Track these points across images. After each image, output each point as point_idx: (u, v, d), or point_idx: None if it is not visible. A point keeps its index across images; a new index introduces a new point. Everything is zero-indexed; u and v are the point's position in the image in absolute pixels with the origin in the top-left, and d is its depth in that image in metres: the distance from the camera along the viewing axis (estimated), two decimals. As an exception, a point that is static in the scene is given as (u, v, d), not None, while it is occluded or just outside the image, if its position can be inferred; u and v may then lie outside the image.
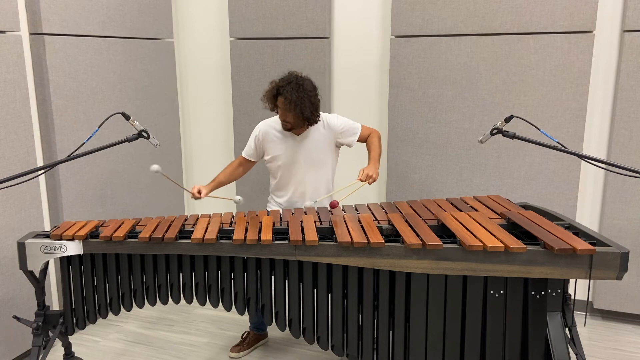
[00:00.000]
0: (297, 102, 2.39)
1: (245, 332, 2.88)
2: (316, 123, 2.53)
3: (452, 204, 2.44)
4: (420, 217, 2.22)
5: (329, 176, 2.68)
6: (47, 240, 2.13)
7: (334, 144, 2.63)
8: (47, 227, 2.90)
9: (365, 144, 2.67)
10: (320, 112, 2.55)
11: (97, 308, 2.24)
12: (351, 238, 1.97)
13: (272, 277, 2.14)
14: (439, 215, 2.20)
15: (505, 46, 3.02)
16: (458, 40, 3.10)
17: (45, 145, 2.84)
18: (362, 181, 2.41)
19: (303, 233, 2.05)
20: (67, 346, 2.42)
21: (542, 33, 2.95)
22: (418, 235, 1.96)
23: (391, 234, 2.10)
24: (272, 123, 2.63)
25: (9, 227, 2.63)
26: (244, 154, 2.71)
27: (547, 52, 2.96)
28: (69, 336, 2.34)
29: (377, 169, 2.49)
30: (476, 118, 3.14)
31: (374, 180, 2.42)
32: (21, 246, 2.13)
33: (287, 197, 2.67)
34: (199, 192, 2.53)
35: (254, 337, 2.86)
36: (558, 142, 2.19)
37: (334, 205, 2.38)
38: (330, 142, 2.61)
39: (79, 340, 2.96)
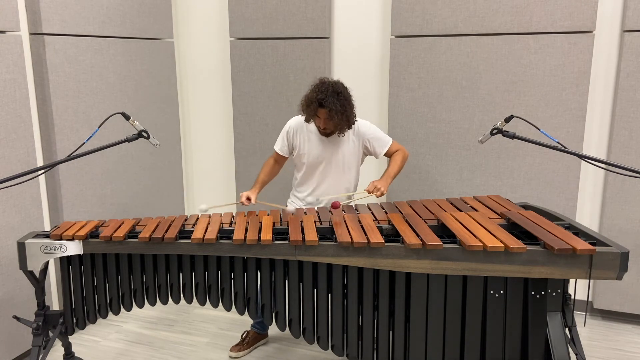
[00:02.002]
0: (341, 111, 2.43)
1: (245, 332, 2.89)
2: (351, 128, 2.57)
3: (452, 204, 2.44)
4: (420, 217, 2.22)
5: (352, 180, 2.71)
6: (47, 240, 2.13)
7: (361, 150, 2.67)
8: (47, 227, 2.90)
9: (389, 159, 2.74)
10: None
11: (97, 308, 2.25)
12: (351, 238, 1.97)
13: (272, 277, 2.14)
14: (439, 215, 2.20)
15: (505, 46, 3.02)
16: (458, 40, 3.10)
17: (45, 145, 2.83)
18: (369, 192, 2.49)
19: (303, 233, 2.05)
20: (67, 346, 2.42)
21: (542, 33, 2.95)
22: (418, 235, 1.96)
23: (391, 234, 2.10)
24: (303, 120, 2.65)
25: (9, 227, 2.63)
26: (276, 148, 2.74)
27: (547, 52, 2.96)
28: (69, 336, 2.34)
29: (388, 184, 2.56)
30: (476, 118, 3.14)
31: (382, 194, 2.49)
32: (21, 246, 2.13)
33: (308, 193, 2.72)
34: (248, 199, 2.57)
35: (254, 337, 2.86)
36: (558, 142, 2.19)
37: (335, 206, 2.38)
38: (357, 148, 2.66)
39: (79, 340, 2.96)
